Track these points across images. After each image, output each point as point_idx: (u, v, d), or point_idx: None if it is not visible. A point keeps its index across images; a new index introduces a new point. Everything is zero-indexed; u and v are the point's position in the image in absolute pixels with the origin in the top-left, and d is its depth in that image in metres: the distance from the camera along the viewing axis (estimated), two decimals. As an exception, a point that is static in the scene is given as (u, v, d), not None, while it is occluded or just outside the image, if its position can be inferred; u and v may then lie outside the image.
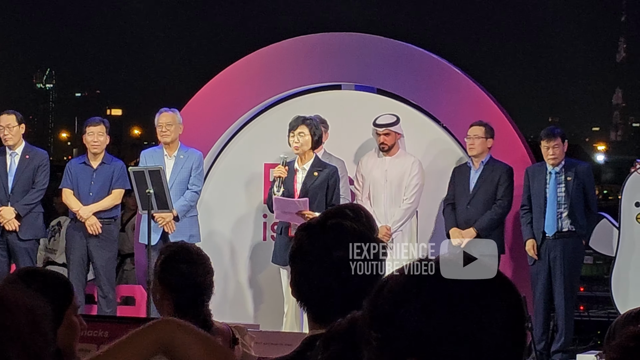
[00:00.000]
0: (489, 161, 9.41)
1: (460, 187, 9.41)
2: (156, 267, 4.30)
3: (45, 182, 9.80)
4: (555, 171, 9.36)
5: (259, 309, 10.28)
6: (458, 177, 9.47)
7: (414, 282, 1.68)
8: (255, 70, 10.49)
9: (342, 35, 10.54)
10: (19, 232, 9.58)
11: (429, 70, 10.13)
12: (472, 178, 9.39)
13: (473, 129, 9.37)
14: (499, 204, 9.32)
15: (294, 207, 8.76)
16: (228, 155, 10.58)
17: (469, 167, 9.45)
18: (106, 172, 9.70)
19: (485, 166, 9.39)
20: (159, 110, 9.79)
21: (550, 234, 9.27)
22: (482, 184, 9.33)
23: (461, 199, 9.38)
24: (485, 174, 9.36)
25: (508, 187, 9.34)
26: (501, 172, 9.34)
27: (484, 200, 9.31)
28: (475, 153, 9.36)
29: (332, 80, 10.43)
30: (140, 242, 9.77)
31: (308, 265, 2.60)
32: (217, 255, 10.26)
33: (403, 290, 1.67)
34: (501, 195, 9.32)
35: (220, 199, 10.47)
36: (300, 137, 8.89)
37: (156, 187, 9.00)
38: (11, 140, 9.72)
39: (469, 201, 9.32)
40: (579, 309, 11.08)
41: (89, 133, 9.69)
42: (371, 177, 9.45)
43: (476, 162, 9.40)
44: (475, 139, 9.34)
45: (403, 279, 1.70)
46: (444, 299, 1.64)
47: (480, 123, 9.39)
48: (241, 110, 10.44)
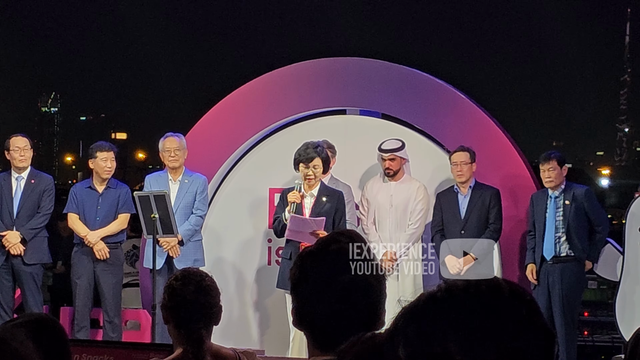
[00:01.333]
0: (475, 185, 9.42)
1: (449, 213, 9.39)
2: None
3: (51, 206, 9.80)
4: (555, 195, 9.37)
5: (265, 334, 10.26)
6: (445, 203, 9.43)
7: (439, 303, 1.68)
8: (260, 95, 10.51)
9: (347, 60, 10.56)
10: (24, 257, 9.58)
11: (434, 95, 10.14)
12: (462, 203, 9.38)
13: (458, 155, 9.37)
14: (492, 228, 9.32)
15: (308, 226, 8.76)
16: (233, 180, 10.59)
17: (456, 192, 9.43)
18: (112, 197, 9.71)
19: (473, 191, 9.39)
20: (164, 135, 9.82)
21: (548, 258, 9.28)
22: (473, 209, 9.32)
23: (452, 225, 9.35)
24: (475, 199, 9.35)
25: (498, 210, 9.35)
26: (490, 196, 9.35)
27: (477, 226, 9.30)
28: (464, 179, 9.36)
29: (337, 105, 10.44)
30: (145, 266, 9.78)
31: (314, 292, 2.61)
32: (222, 279, 10.26)
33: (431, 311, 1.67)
34: (493, 219, 9.32)
35: (225, 223, 10.47)
36: (315, 169, 8.92)
37: (161, 211, 9.02)
38: (25, 162, 9.73)
39: (462, 227, 9.32)
40: (583, 334, 11.07)
41: (101, 158, 9.69)
42: (376, 202, 9.46)
43: (463, 188, 9.40)
44: (463, 165, 9.34)
45: (432, 300, 1.70)
46: (472, 316, 1.65)
47: (463, 148, 9.39)
48: (246, 135, 10.46)
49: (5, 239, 9.57)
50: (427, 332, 1.64)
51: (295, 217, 8.80)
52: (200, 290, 4.23)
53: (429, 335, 1.64)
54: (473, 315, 1.63)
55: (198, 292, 4.22)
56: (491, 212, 9.32)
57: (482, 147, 9.56)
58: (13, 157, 9.73)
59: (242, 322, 10.30)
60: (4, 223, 9.65)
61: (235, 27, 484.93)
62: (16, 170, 9.77)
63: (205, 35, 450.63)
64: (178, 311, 4.20)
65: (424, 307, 1.68)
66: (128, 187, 9.92)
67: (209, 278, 4.34)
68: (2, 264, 9.60)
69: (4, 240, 9.57)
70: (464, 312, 1.64)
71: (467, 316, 1.63)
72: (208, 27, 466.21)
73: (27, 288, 9.60)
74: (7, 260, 9.60)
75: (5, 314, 9.50)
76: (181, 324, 4.19)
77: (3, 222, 9.65)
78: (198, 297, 4.21)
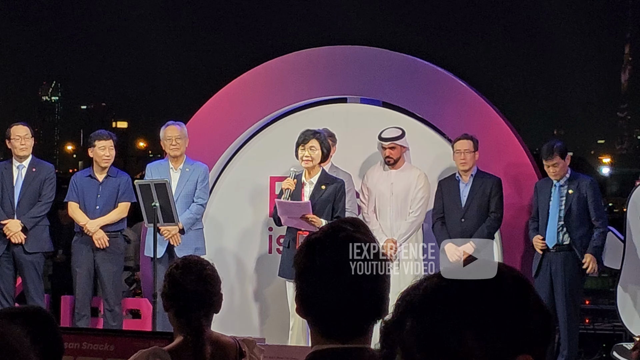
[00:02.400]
0: (477, 173, 9.41)
1: (450, 200, 9.39)
2: None
3: (52, 195, 9.80)
4: (560, 184, 9.35)
5: (265, 322, 10.27)
6: (446, 191, 9.43)
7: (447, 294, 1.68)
8: (261, 83, 10.50)
9: (348, 49, 10.54)
10: (25, 245, 9.58)
11: (435, 83, 10.13)
12: (463, 191, 9.38)
13: (462, 142, 9.35)
14: (493, 216, 9.31)
15: (297, 210, 8.76)
16: (234, 169, 10.59)
17: (457, 179, 9.43)
18: (112, 186, 9.71)
19: (474, 179, 9.38)
20: (165, 124, 9.82)
21: (551, 247, 9.27)
22: (474, 197, 9.32)
23: (453, 212, 9.36)
24: (476, 187, 9.35)
25: (500, 199, 9.34)
26: (492, 184, 9.34)
27: (478, 213, 9.30)
28: (467, 167, 9.35)
29: (338, 93, 10.43)
30: (146, 255, 9.78)
31: (322, 279, 2.59)
32: (223, 268, 10.26)
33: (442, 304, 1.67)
34: (494, 207, 9.32)
35: (226, 212, 10.48)
36: (312, 151, 8.89)
37: (162, 200, 9.02)
38: (26, 150, 9.73)
39: (463, 215, 9.33)
40: (584, 322, 11.08)
41: (99, 147, 9.69)
42: (377, 191, 9.46)
43: (465, 176, 9.39)
44: (467, 153, 9.33)
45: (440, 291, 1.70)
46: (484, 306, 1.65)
47: (467, 136, 9.38)
48: (247, 123, 10.46)
49: (6, 227, 9.57)
50: (441, 326, 1.64)
51: (281, 202, 8.82)
52: (200, 279, 4.22)
53: (444, 328, 1.64)
54: (483, 303, 1.65)
55: (198, 281, 4.21)
56: (492, 200, 9.32)
57: (483, 135, 9.54)
58: (14, 145, 9.73)
59: (243, 310, 10.31)
60: (5, 212, 9.65)
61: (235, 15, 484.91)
62: (17, 159, 9.76)
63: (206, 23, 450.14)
64: (178, 300, 4.20)
65: (433, 300, 1.68)
66: (128, 176, 9.91)
67: (209, 267, 4.34)
68: (3, 253, 9.61)
69: (4, 228, 9.57)
70: (474, 301, 1.65)
71: (478, 305, 1.65)
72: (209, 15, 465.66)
73: (28, 277, 9.60)
74: (9, 249, 9.61)
75: (7, 302, 9.50)
76: (181, 313, 4.19)
77: (4, 210, 9.65)
78: (198, 286, 4.20)
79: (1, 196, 9.69)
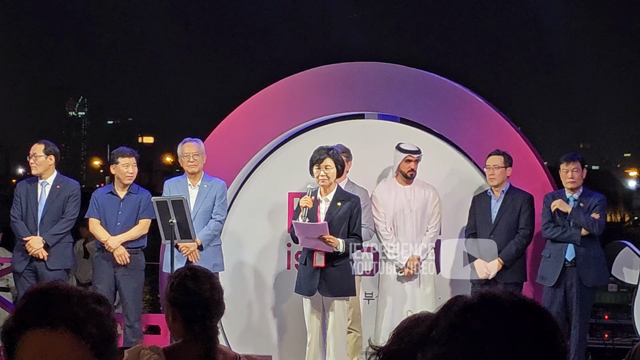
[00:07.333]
0: (509, 190, 9.41)
1: (482, 216, 9.40)
2: (167, 291, 4.41)
3: (75, 212, 9.86)
4: (574, 198, 9.34)
5: (283, 338, 10.29)
6: (478, 207, 9.46)
7: None
8: (279, 100, 10.54)
9: (365, 65, 10.56)
10: (47, 262, 9.66)
11: (452, 99, 10.14)
12: (494, 207, 9.39)
13: (492, 158, 9.39)
14: (522, 233, 9.30)
15: (314, 231, 8.79)
16: (252, 185, 10.62)
17: (489, 196, 9.45)
18: (133, 202, 9.77)
19: (506, 195, 9.39)
20: (183, 140, 9.88)
21: (569, 260, 9.24)
22: (504, 214, 9.32)
23: (483, 228, 9.36)
24: (507, 203, 9.35)
25: (530, 216, 9.33)
26: (522, 201, 9.34)
27: (506, 230, 9.30)
28: (496, 183, 9.37)
29: (355, 109, 10.46)
30: (164, 271, 9.84)
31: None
32: (241, 284, 10.32)
33: None
34: (524, 224, 9.31)
35: (244, 228, 10.51)
36: (327, 170, 8.92)
37: (179, 216, 9.06)
38: (35, 169, 9.81)
39: (492, 231, 9.32)
40: (603, 337, 11.06)
41: (122, 164, 9.76)
42: (394, 207, 9.47)
43: (496, 192, 9.41)
44: (495, 169, 9.35)
45: None
46: None
47: (499, 152, 9.40)
48: (265, 139, 10.50)
49: (28, 244, 9.65)
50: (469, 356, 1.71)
51: (298, 223, 8.83)
52: (214, 288, 4.37)
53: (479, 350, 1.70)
54: (507, 337, 1.71)
55: (212, 290, 4.36)
56: (522, 217, 9.30)
57: (499, 150, 9.55)
58: (30, 163, 9.85)
59: (261, 325, 10.32)
60: (29, 228, 9.73)
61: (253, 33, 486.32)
62: (40, 176, 9.86)
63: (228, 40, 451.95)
64: (194, 308, 4.29)
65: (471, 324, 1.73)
66: (149, 193, 9.95)
67: (214, 276, 4.53)
68: (26, 268, 9.69)
69: (27, 245, 9.66)
70: (509, 329, 1.72)
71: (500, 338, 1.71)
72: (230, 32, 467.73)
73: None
74: (31, 263, 9.69)
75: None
76: (195, 320, 4.28)
77: (27, 227, 9.73)
78: (213, 295, 4.35)
79: (25, 213, 9.78)
